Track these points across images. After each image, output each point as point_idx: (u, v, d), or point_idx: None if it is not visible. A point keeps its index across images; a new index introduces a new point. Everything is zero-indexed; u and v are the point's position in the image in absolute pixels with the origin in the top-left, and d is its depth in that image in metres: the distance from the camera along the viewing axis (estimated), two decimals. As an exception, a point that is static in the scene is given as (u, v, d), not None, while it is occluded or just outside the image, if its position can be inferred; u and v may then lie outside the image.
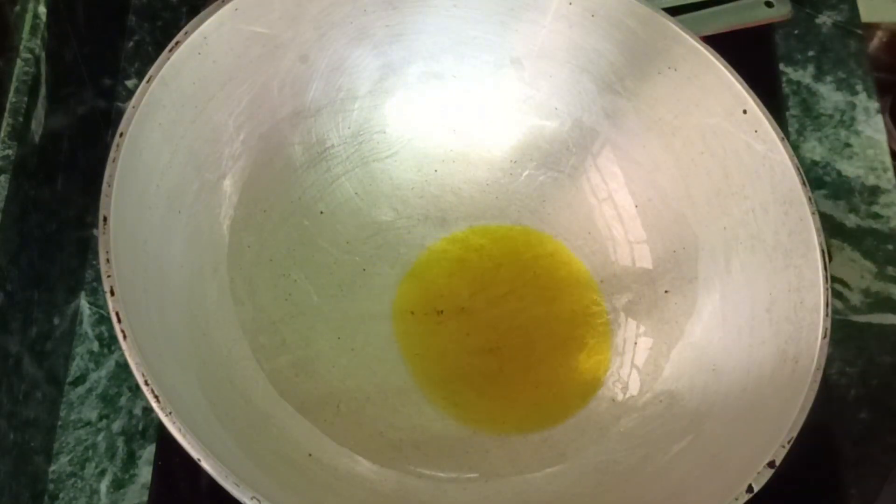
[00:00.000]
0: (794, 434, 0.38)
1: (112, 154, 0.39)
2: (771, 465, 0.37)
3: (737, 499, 0.36)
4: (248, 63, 0.45)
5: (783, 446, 0.37)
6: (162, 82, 0.41)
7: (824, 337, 0.40)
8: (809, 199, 0.42)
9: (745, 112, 0.44)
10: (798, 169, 0.43)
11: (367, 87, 0.49)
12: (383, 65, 0.49)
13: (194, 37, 0.42)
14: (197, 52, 0.42)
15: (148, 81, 0.41)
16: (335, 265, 0.48)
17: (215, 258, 0.45)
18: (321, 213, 0.49)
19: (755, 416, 0.40)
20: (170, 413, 0.35)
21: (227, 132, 0.45)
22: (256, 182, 0.47)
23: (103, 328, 0.52)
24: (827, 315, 0.40)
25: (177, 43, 0.42)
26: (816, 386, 0.39)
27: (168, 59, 0.41)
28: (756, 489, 0.36)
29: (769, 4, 0.61)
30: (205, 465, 0.34)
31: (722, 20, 0.60)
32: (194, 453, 0.34)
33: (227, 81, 0.44)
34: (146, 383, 0.35)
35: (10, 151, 0.43)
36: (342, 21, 0.47)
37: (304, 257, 0.48)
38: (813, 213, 0.42)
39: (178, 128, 0.42)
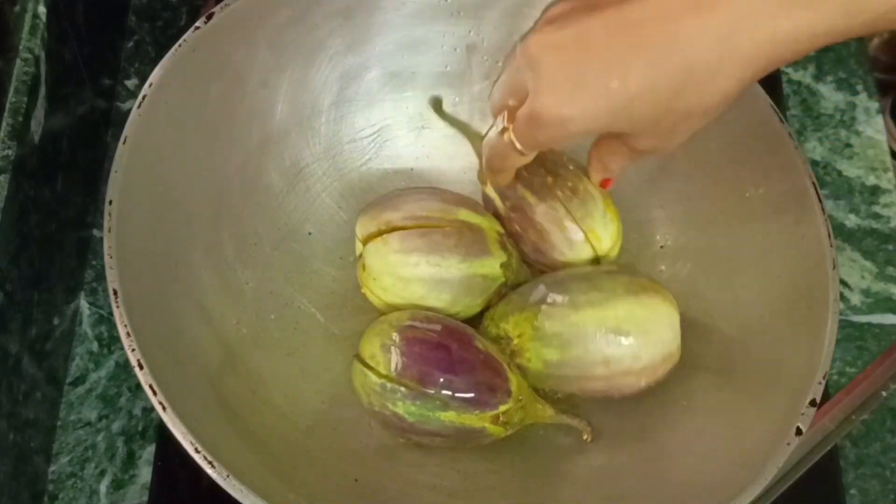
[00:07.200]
0: (827, 368, 0.38)
1: (114, 166, 0.39)
2: (812, 403, 0.37)
3: (788, 444, 0.36)
4: (212, 101, 0.44)
5: (819, 382, 0.37)
6: (135, 142, 0.40)
7: (833, 268, 0.40)
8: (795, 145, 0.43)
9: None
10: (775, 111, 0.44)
11: (330, 100, 0.49)
12: (342, 74, 0.48)
13: (156, 86, 0.41)
14: (164, 101, 0.41)
15: (124, 143, 0.40)
16: (334, 283, 0.48)
17: (219, 303, 0.44)
18: (309, 234, 0.49)
19: (784, 357, 0.40)
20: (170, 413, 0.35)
21: (203, 174, 0.44)
22: (242, 215, 0.46)
23: (103, 328, 0.52)
24: (831, 246, 0.41)
25: (143, 97, 0.41)
26: (837, 318, 0.39)
27: (138, 114, 0.40)
28: (804, 430, 0.37)
29: (769, 4, 0.61)
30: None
31: (722, 20, 0.60)
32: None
33: (195, 127, 0.43)
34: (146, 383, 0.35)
35: (10, 151, 0.43)
36: (295, 39, 0.46)
37: (303, 282, 0.47)
38: (798, 151, 0.43)
39: (160, 178, 0.41)
